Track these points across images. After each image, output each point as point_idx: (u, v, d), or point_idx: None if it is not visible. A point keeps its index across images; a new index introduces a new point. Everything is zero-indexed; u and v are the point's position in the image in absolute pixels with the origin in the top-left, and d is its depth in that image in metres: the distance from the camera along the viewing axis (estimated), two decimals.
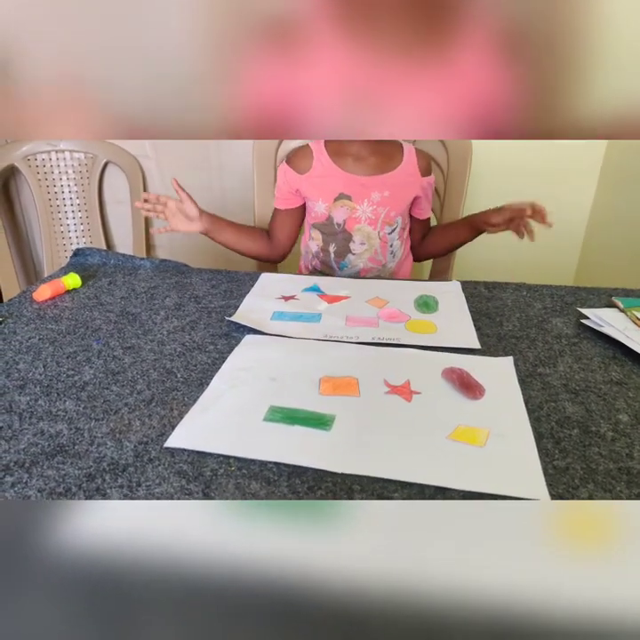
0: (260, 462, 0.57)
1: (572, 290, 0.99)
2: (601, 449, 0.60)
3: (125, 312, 0.89)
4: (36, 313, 0.88)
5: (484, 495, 0.53)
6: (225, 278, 1.03)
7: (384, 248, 1.18)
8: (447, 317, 0.89)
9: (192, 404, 0.66)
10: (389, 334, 0.82)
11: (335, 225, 1.16)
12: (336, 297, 0.96)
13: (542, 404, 0.67)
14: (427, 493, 0.53)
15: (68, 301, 0.92)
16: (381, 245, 1.17)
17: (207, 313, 0.89)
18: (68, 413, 0.64)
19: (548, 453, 0.59)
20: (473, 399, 0.67)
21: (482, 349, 0.79)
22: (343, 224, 1.15)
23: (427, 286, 1.01)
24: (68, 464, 0.56)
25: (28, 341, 0.79)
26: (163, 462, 0.56)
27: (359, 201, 1.13)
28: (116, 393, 0.68)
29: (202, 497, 0.52)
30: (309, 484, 0.54)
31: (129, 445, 0.59)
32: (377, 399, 0.66)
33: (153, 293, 0.96)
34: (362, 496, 0.53)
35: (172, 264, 1.08)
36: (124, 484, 0.54)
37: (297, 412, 0.63)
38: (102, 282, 1.01)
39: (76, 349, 0.77)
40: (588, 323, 0.86)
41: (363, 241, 1.16)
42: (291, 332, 0.82)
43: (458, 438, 0.60)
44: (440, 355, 0.77)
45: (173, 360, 0.75)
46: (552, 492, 0.53)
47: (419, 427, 0.62)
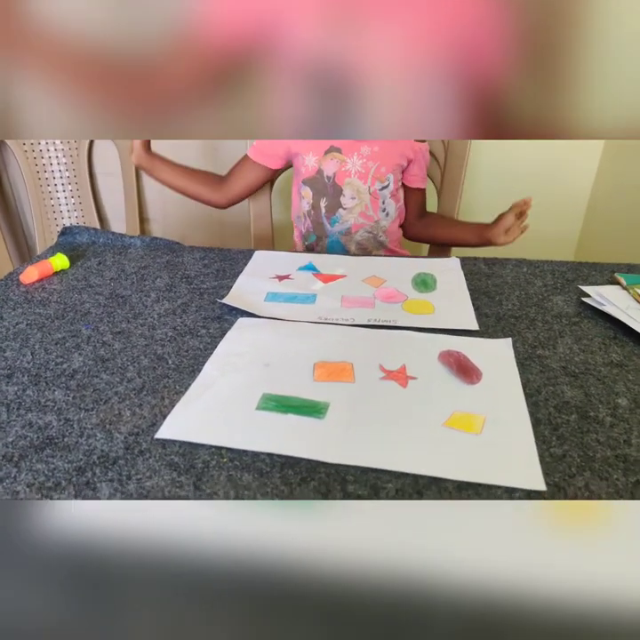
0: (252, 453, 0.56)
1: (574, 266, 0.97)
2: (599, 435, 0.59)
3: (115, 294, 0.87)
4: (23, 296, 0.86)
5: (479, 485, 0.52)
6: (218, 257, 1.00)
7: (375, 204, 1.16)
8: (445, 297, 0.87)
9: (183, 391, 0.64)
10: (385, 315, 0.81)
11: (325, 178, 1.15)
12: (332, 276, 0.94)
13: (540, 389, 0.66)
14: (421, 484, 0.52)
15: (56, 284, 0.90)
16: (372, 201, 1.16)
17: (199, 294, 0.87)
18: (57, 404, 0.63)
19: (545, 440, 0.58)
20: (470, 384, 0.66)
21: (480, 330, 0.78)
22: (333, 177, 1.14)
23: (425, 263, 0.99)
24: (57, 457, 0.55)
25: (15, 327, 0.77)
26: (153, 454, 0.56)
27: (349, 154, 1.13)
28: (106, 381, 0.66)
29: (193, 490, 0.52)
30: (302, 476, 0.53)
31: (119, 437, 0.58)
32: (372, 385, 0.65)
33: (143, 274, 0.94)
34: (355, 487, 0.52)
35: (163, 242, 1.05)
36: (115, 477, 0.53)
37: (290, 399, 0.62)
38: (91, 262, 0.98)
39: (65, 335, 0.76)
40: (589, 301, 0.84)
41: (353, 195, 1.15)
42: (285, 314, 0.81)
43: (453, 425, 0.59)
44: (437, 337, 0.75)
45: (164, 345, 0.74)
46: (548, 481, 0.52)
47: (414, 414, 0.60)
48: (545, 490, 0.51)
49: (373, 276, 0.94)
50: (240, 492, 0.51)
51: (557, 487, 0.52)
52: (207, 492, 0.51)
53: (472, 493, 0.51)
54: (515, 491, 0.51)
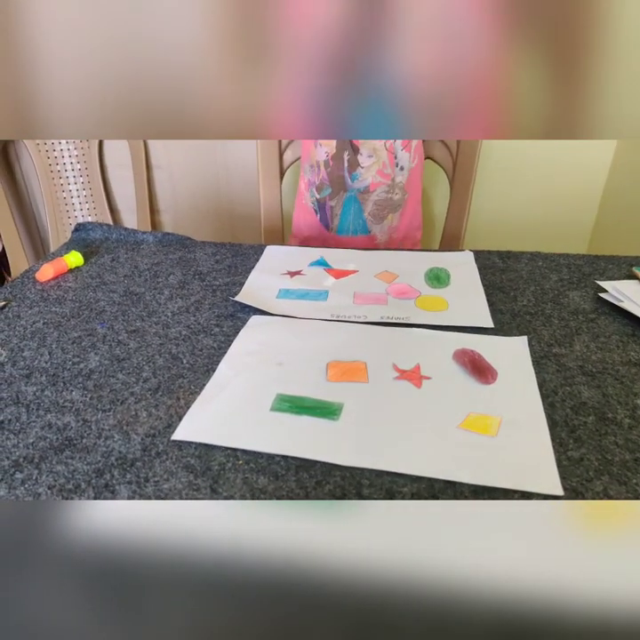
0: (267, 455, 0.56)
1: (590, 259, 0.96)
2: (617, 438, 0.58)
3: (129, 292, 0.87)
4: (39, 295, 0.86)
5: (495, 489, 0.52)
6: (229, 252, 1.00)
7: (391, 160, 1.15)
8: (459, 293, 0.86)
9: (198, 392, 0.65)
10: (399, 313, 0.80)
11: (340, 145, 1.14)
12: (343, 271, 0.93)
13: (557, 389, 0.65)
14: (436, 488, 0.52)
15: (71, 281, 0.91)
16: (389, 157, 1.15)
17: (212, 291, 0.87)
18: (74, 404, 0.63)
19: (562, 443, 0.57)
20: (485, 384, 0.65)
21: (495, 328, 0.77)
22: (349, 142, 1.13)
23: (438, 257, 0.98)
24: (76, 459, 0.56)
25: (32, 326, 0.78)
26: (170, 456, 0.56)
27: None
28: (122, 381, 0.67)
29: (210, 492, 0.52)
30: (317, 479, 0.53)
31: (136, 438, 0.58)
32: (386, 385, 0.65)
33: (156, 271, 0.94)
34: (370, 490, 0.52)
35: (175, 237, 1.05)
36: (133, 479, 0.53)
37: (304, 400, 0.62)
38: (105, 259, 0.99)
39: (81, 334, 0.76)
40: (607, 297, 0.83)
41: (370, 153, 1.14)
42: (297, 311, 0.80)
43: (469, 427, 0.59)
44: (451, 335, 0.75)
45: (179, 344, 0.74)
46: (565, 486, 0.52)
47: (429, 416, 0.60)
48: (562, 495, 0.51)
49: (385, 272, 0.93)
50: (256, 495, 0.52)
51: (575, 492, 0.52)
52: (224, 495, 0.52)
53: (488, 498, 0.51)
54: (531, 495, 0.51)
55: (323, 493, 0.52)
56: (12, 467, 0.55)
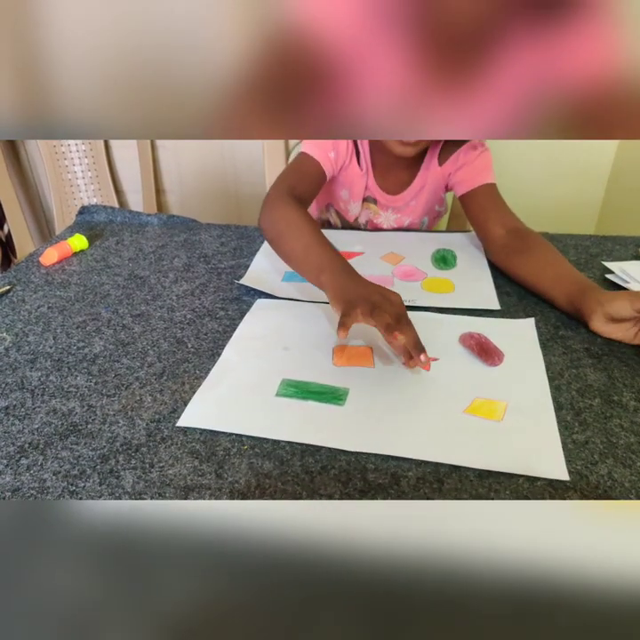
0: (272, 440, 0.56)
1: (598, 240, 0.95)
2: (622, 420, 0.58)
3: (134, 275, 0.87)
4: (43, 278, 0.86)
5: (500, 474, 0.52)
6: (234, 234, 0.99)
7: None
8: (466, 274, 0.85)
9: (203, 376, 0.65)
10: (405, 295, 0.79)
11: (359, 222, 1.08)
12: (349, 254, 0.92)
13: (563, 371, 0.65)
14: (442, 472, 0.52)
15: (75, 265, 0.91)
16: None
17: (217, 274, 0.87)
18: (79, 390, 0.63)
19: (567, 426, 0.57)
20: (491, 366, 0.65)
21: (501, 310, 0.76)
22: (366, 224, 1.08)
23: (444, 238, 0.97)
24: (81, 444, 0.56)
25: (37, 310, 0.78)
26: (175, 441, 0.56)
27: (384, 208, 1.03)
28: (127, 366, 0.67)
29: (215, 478, 0.52)
30: (323, 464, 0.54)
31: (141, 423, 0.59)
32: (392, 370, 0.65)
33: (161, 254, 0.93)
34: (376, 475, 0.52)
35: (180, 220, 1.05)
36: (138, 465, 0.54)
37: (310, 385, 0.62)
38: (109, 242, 0.98)
39: (86, 318, 0.76)
40: (613, 278, 0.82)
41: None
42: (303, 294, 0.80)
43: (474, 412, 0.58)
44: (458, 318, 0.74)
45: (184, 328, 0.74)
46: (570, 469, 0.52)
47: (435, 401, 0.60)
48: (568, 480, 0.51)
49: (391, 253, 0.93)
50: (261, 480, 0.52)
51: (580, 475, 0.52)
52: (229, 481, 0.52)
53: (493, 482, 0.51)
54: (537, 480, 0.51)
55: (328, 478, 0.52)
56: (17, 452, 0.55)
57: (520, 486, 0.51)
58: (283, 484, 0.52)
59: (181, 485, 0.51)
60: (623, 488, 0.50)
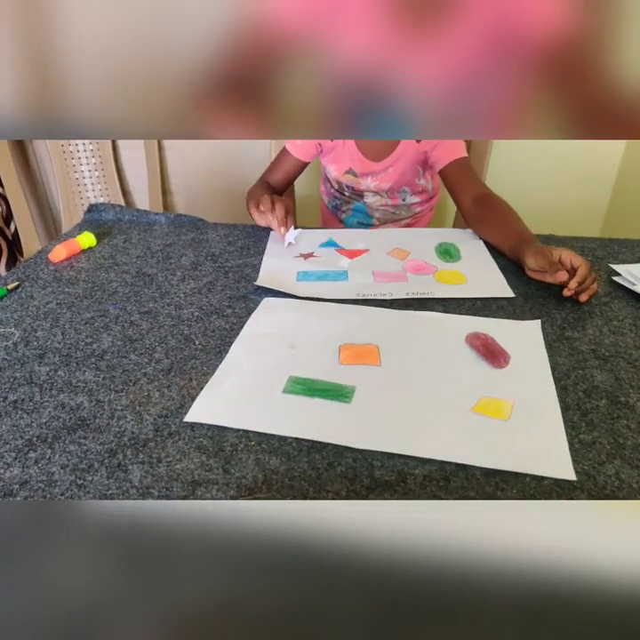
0: (279, 437, 0.56)
1: (604, 242, 0.95)
2: (629, 421, 0.58)
3: (141, 273, 0.88)
4: (52, 275, 0.87)
5: (506, 472, 0.52)
6: (241, 234, 1.00)
7: (395, 200, 1.20)
8: (473, 266, 0.88)
9: (211, 373, 0.65)
10: (421, 288, 0.81)
11: (344, 186, 1.20)
12: (355, 251, 0.93)
13: (569, 372, 0.65)
14: (448, 470, 0.52)
15: (83, 262, 0.91)
16: (392, 201, 1.19)
17: (224, 273, 0.87)
18: (87, 384, 0.64)
19: (574, 426, 0.57)
20: (498, 367, 0.65)
21: (510, 307, 0.77)
22: (351, 189, 1.20)
23: (444, 233, 1.00)
24: (89, 439, 0.56)
25: (45, 307, 0.79)
26: (183, 437, 0.56)
27: (364, 177, 1.15)
28: (135, 362, 0.67)
29: (222, 473, 0.52)
30: (329, 460, 0.54)
31: (149, 419, 0.59)
32: (398, 368, 0.65)
33: (169, 252, 0.94)
34: (382, 472, 0.52)
35: (188, 218, 1.05)
36: (145, 460, 0.54)
37: (316, 382, 0.62)
38: (117, 239, 0.99)
39: (94, 315, 0.77)
40: (620, 280, 0.82)
41: (373, 195, 1.19)
42: (320, 292, 0.80)
43: (481, 411, 0.58)
44: (464, 318, 0.74)
45: (191, 326, 0.74)
46: (577, 469, 0.52)
47: (441, 399, 0.60)
48: (575, 479, 0.51)
49: (396, 249, 0.94)
50: (268, 476, 0.52)
51: (587, 475, 0.52)
52: (236, 476, 0.52)
53: (499, 480, 0.51)
54: (544, 479, 0.51)
55: (335, 475, 0.52)
56: (25, 446, 0.55)
57: (527, 485, 0.51)
58: (289, 480, 0.52)
59: (189, 480, 0.52)
60: (631, 489, 0.50)
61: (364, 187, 1.16)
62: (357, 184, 1.16)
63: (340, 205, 1.24)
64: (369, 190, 1.17)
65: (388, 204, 1.19)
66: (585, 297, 0.76)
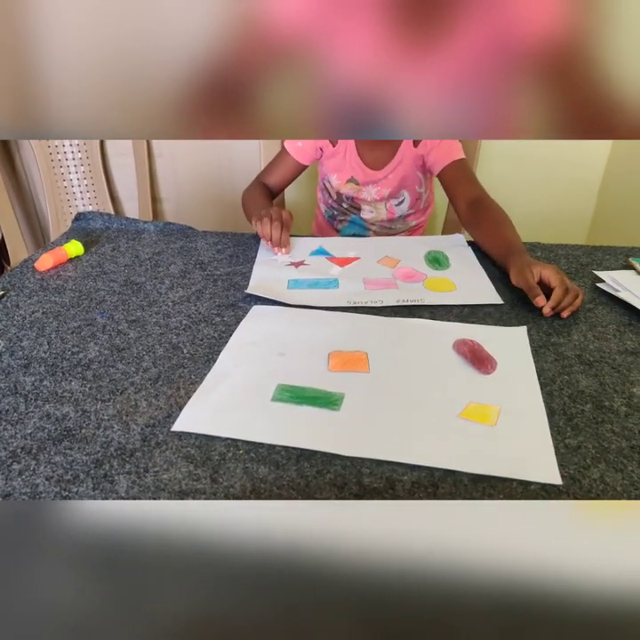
0: (268, 445, 0.56)
1: (588, 250, 0.96)
2: (614, 426, 0.59)
3: (129, 281, 0.87)
4: (38, 284, 0.86)
5: (493, 478, 0.52)
6: (231, 242, 1.00)
7: (391, 215, 1.19)
8: (462, 274, 0.89)
9: (199, 382, 0.65)
10: (412, 295, 0.81)
11: (344, 197, 1.19)
12: (345, 259, 0.94)
13: (555, 378, 0.65)
14: (436, 476, 0.53)
15: (70, 270, 0.91)
16: (388, 215, 1.19)
17: (213, 281, 0.87)
18: (73, 394, 0.63)
19: (559, 431, 0.58)
20: (485, 373, 0.65)
21: (504, 304, 0.78)
22: (351, 199, 1.18)
23: (431, 241, 1.01)
24: (75, 449, 0.56)
25: (31, 316, 0.78)
26: (170, 446, 0.56)
27: (365, 185, 1.15)
28: (122, 371, 0.67)
29: (210, 482, 0.52)
30: (318, 468, 0.54)
31: (136, 428, 0.59)
32: (387, 375, 0.65)
33: (157, 260, 0.94)
34: (371, 479, 0.53)
35: (177, 227, 1.05)
36: (132, 470, 0.54)
37: (305, 390, 0.62)
38: (105, 248, 0.98)
39: (81, 324, 0.76)
40: (604, 287, 0.83)
41: (371, 210, 1.19)
42: (312, 300, 0.81)
43: (468, 417, 0.59)
44: (452, 325, 0.75)
45: (179, 334, 0.74)
46: (563, 473, 0.53)
47: (429, 405, 0.60)
48: (561, 484, 0.51)
49: (386, 257, 0.95)
50: (256, 484, 0.52)
51: (572, 479, 0.52)
52: (224, 485, 0.52)
53: (487, 486, 0.51)
54: (530, 484, 0.51)
55: (323, 482, 0.52)
56: (9, 457, 0.55)
57: (514, 490, 0.51)
58: (278, 489, 0.52)
59: (176, 490, 0.51)
60: (615, 492, 0.51)
61: (365, 194, 1.15)
62: (359, 192, 1.15)
63: (337, 216, 1.24)
64: (369, 200, 1.16)
65: (384, 219, 1.19)
66: (566, 313, 0.77)
